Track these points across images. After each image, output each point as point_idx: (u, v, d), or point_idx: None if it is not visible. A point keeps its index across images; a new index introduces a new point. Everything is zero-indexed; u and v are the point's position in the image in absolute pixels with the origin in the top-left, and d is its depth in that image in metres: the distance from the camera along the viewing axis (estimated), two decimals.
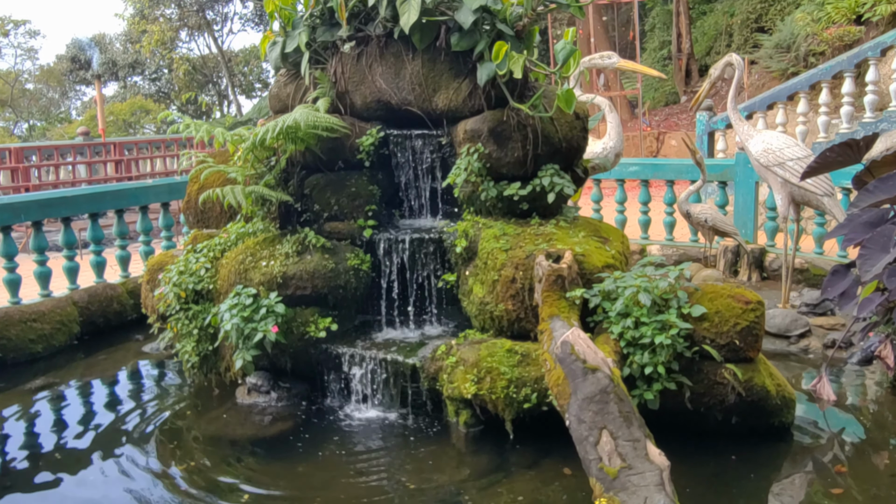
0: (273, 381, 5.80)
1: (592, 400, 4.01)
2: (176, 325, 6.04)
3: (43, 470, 4.90)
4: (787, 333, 6.85)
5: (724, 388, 4.77)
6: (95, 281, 8.11)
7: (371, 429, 5.36)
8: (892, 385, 5.78)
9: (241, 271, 5.78)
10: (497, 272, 5.25)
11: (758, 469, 4.61)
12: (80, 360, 7.14)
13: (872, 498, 4.29)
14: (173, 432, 5.41)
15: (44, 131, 41.69)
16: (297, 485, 4.62)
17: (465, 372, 4.98)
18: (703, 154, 12.64)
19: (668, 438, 4.11)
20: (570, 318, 4.73)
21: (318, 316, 5.66)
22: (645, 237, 9.71)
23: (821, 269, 8.20)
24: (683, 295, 4.89)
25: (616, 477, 3.74)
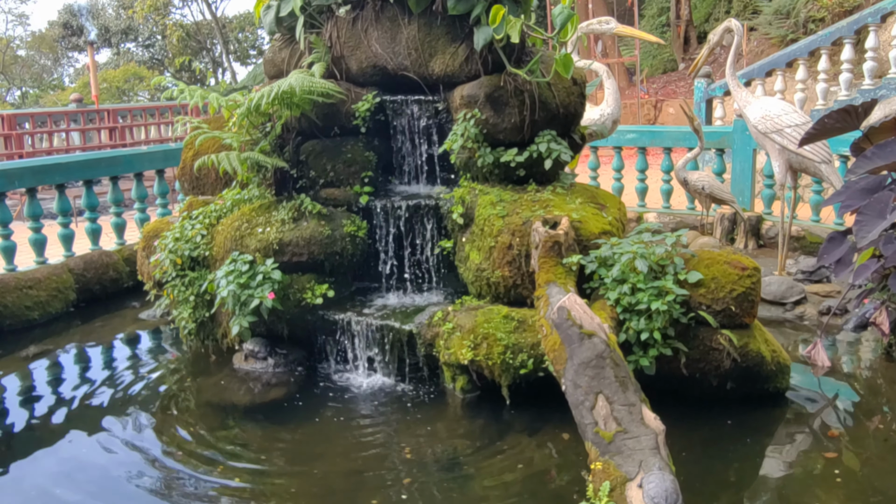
0: (270, 347, 5.81)
1: (588, 365, 4.03)
2: (172, 291, 6.03)
3: (40, 437, 4.93)
4: (783, 300, 6.86)
5: (719, 354, 4.79)
6: (91, 248, 8.09)
7: (368, 395, 5.38)
8: (886, 351, 5.81)
9: (237, 238, 5.76)
10: (494, 238, 5.24)
11: (752, 434, 4.65)
12: (76, 327, 7.14)
13: (865, 462, 4.33)
14: (170, 398, 5.43)
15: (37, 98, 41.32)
16: (295, 449, 4.65)
17: (462, 338, 4.99)
18: (701, 121, 12.58)
19: (664, 404, 4.13)
20: (567, 285, 4.73)
21: (314, 283, 5.66)
22: (642, 205, 9.70)
23: (817, 237, 8.20)
24: (680, 261, 4.89)
25: (611, 441, 3.77)
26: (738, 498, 4.02)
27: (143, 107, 21.93)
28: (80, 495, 4.14)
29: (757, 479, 4.21)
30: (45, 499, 4.13)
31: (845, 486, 4.06)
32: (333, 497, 4.08)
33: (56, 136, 18.10)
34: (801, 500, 3.93)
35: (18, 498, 4.16)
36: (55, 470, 4.46)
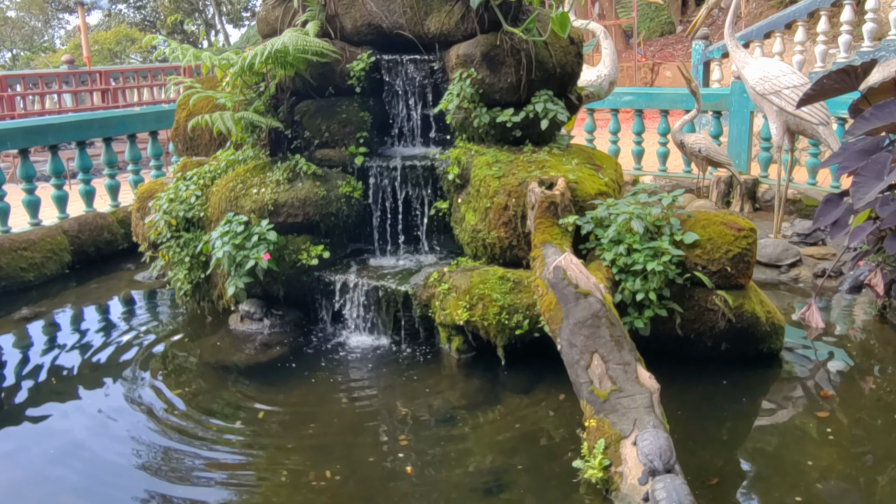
0: (266, 308, 5.81)
1: (584, 324, 4.03)
2: (167, 253, 6.01)
3: (37, 398, 4.94)
4: (778, 263, 6.88)
5: (714, 315, 4.81)
6: (85, 210, 8.05)
7: (364, 355, 5.40)
8: (880, 313, 5.83)
9: (231, 199, 5.73)
10: (489, 199, 5.22)
11: (746, 393, 4.68)
12: (72, 289, 7.13)
13: (857, 421, 4.37)
14: (167, 359, 5.44)
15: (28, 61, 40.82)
16: (291, 409, 4.67)
17: (458, 299, 5.00)
18: (699, 83, 12.49)
19: (659, 364, 4.15)
20: (563, 245, 4.73)
21: (310, 244, 5.64)
22: (638, 168, 9.67)
23: (813, 200, 8.20)
24: (676, 222, 4.88)
25: (606, 399, 3.79)
26: (732, 456, 4.06)
27: (136, 69, 21.71)
28: (77, 456, 4.16)
29: (750, 437, 4.25)
30: (43, 459, 4.15)
31: (837, 445, 4.10)
32: (329, 454, 4.11)
33: (48, 98, 17.93)
34: (794, 459, 3.97)
35: (16, 459, 4.19)
36: (53, 429, 4.49)
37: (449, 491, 3.77)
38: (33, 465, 4.07)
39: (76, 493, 3.81)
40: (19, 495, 3.82)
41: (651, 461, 3.45)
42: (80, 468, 4.03)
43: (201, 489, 3.82)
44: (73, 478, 3.93)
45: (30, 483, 3.91)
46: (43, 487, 3.87)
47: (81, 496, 3.80)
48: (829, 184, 8.48)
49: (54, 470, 4.02)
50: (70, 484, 3.88)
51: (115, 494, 3.80)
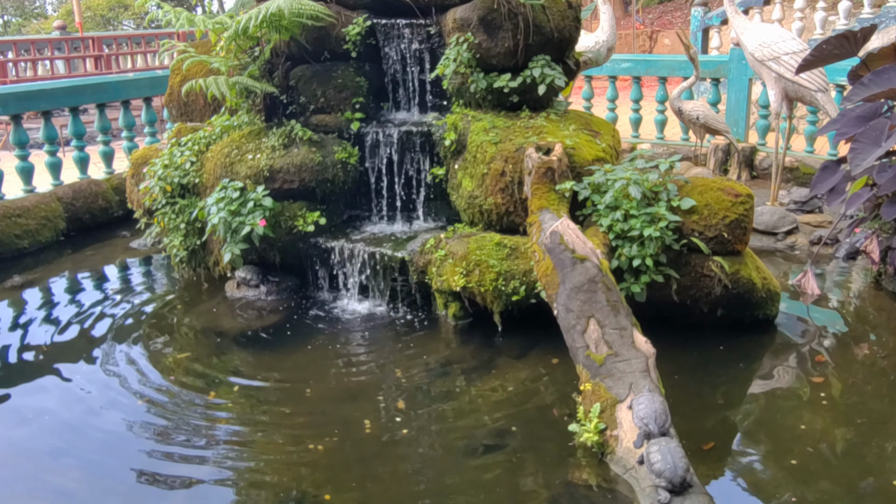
0: (262, 275, 5.80)
1: (580, 289, 4.04)
2: (163, 219, 5.99)
3: (34, 363, 4.94)
4: (775, 230, 6.87)
5: (710, 281, 4.81)
6: (79, 177, 8.00)
7: (360, 322, 5.40)
8: (875, 280, 5.85)
9: (226, 165, 5.70)
10: (486, 165, 5.20)
11: (741, 359, 4.70)
12: (67, 256, 7.11)
13: (850, 386, 4.40)
14: (163, 325, 5.44)
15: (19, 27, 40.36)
16: (288, 375, 4.68)
17: (454, 265, 4.99)
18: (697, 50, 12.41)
19: (655, 331, 4.15)
20: (560, 211, 4.72)
21: (306, 210, 5.62)
22: (636, 136, 9.62)
23: (810, 168, 8.18)
24: (673, 187, 4.86)
25: (602, 364, 3.80)
26: (726, 420, 4.08)
27: (129, 35, 21.47)
28: (71, 423, 4.17)
29: (744, 402, 4.28)
30: (41, 423, 4.16)
31: (831, 409, 4.13)
32: (326, 419, 4.13)
33: (40, 65, 17.74)
34: (788, 423, 4.00)
35: (15, 424, 4.20)
36: (48, 396, 4.49)
37: (445, 455, 3.79)
38: (28, 432, 4.07)
39: (71, 461, 3.81)
40: (10, 463, 3.84)
41: (646, 424, 3.47)
42: (74, 435, 4.04)
43: (199, 452, 3.84)
44: (66, 445, 3.94)
45: (22, 451, 3.92)
46: (37, 454, 3.88)
47: (76, 463, 3.81)
48: (826, 152, 8.46)
49: (49, 437, 4.03)
50: (64, 451, 3.89)
51: (111, 462, 3.81)
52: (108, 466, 3.75)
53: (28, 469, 3.76)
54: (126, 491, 3.55)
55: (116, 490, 3.57)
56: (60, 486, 3.61)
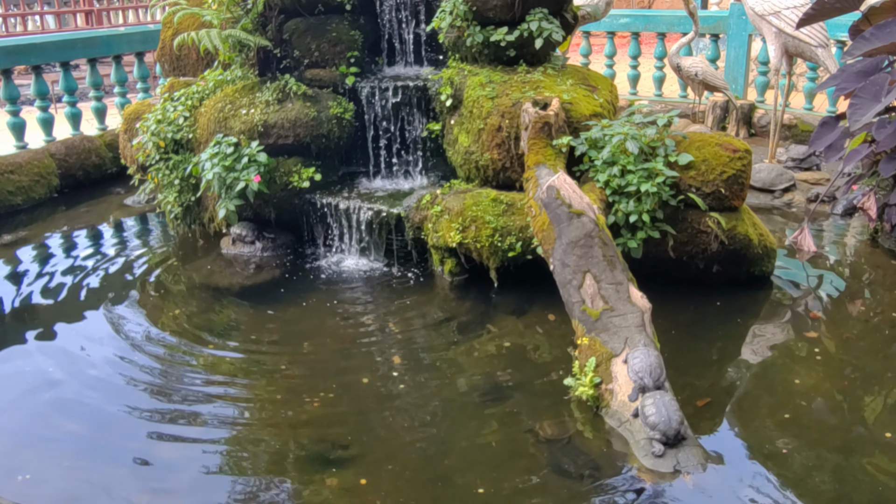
0: (257, 231, 5.77)
1: (577, 244, 4.02)
2: (156, 175, 5.94)
3: (28, 321, 4.94)
4: (772, 188, 6.85)
5: (707, 237, 4.80)
6: (72, 133, 7.92)
7: (356, 278, 5.39)
8: (871, 237, 5.84)
9: (220, 120, 5.64)
10: (483, 121, 5.15)
11: (737, 315, 4.71)
12: (61, 213, 7.07)
13: (844, 341, 4.42)
14: (159, 282, 5.43)
15: None
16: (285, 331, 4.68)
17: (450, 221, 4.97)
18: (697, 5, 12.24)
19: (651, 287, 4.15)
20: (557, 166, 4.68)
21: (301, 166, 5.57)
22: (633, 93, 9.53)
23: (809, 125, 8.13)
24: (671, 143, 4.83)
25: (598, 318, 3.80)
26: (721, 374, 4.10)
27: None
28: (68, 380, 4.17)
29: (739, 357, 4.29)
30: (35, 382, 4.16)
31: (825, 364, 4.15)
32: (323, 374, 4.14)
33: (30, 20, 17.46)
34: (782, 378, 4.02)
35: (15, 380, 4.20)
36: (45, 353, 4.49)
37: (442, 409, 3.81)
38: (24, 390, 4.07)
39: (68, 417, 3.82)
40: (8, 419, 3.85)
41: (641, 378, 3.49)
42: (71, 392, 4.04)
43: (195, 407, 3.85)
44: (64, 402, 3.94)
45: (20, 407, 3.92)
46: (35, 411, 3.89)
47: (74, 419, 3.81)
48: (825, 109, 8.39)
49: (46, 394, 4.03)
50: (62, 407, 3.89)
51: (108, 420, 3.81)
52: (105, 424, 3.75)
53: (27, 425, 3.77)
54: (125, 446, 3.57)
55: (115, 445, 3.59)
56: (60, 440, 3.62)
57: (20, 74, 12.39)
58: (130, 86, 8.75)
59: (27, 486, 3.26)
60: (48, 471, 3.38)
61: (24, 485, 3.27)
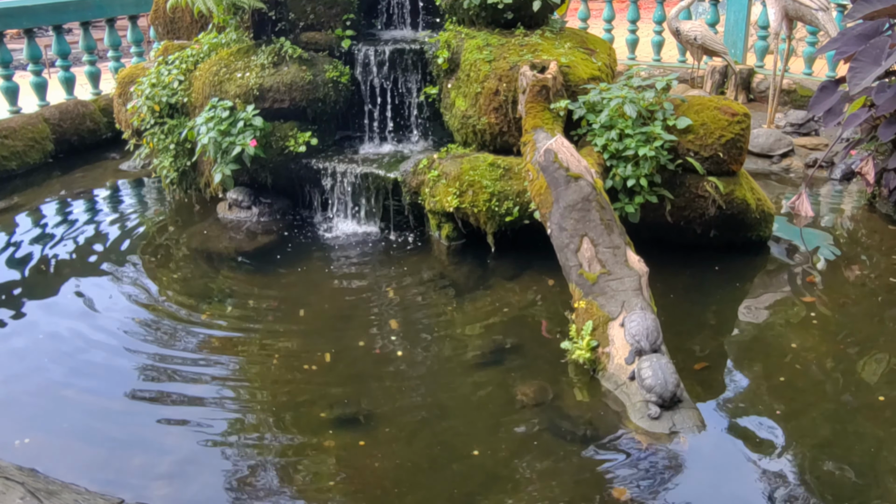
0: (254, 196, 5.75)
1: (574, 208, 4.01)
2: (151, 140, 5.90)
3: (26, 286, 4.93)
4: (770, 153, 6.82)
5: (704, 202, 4.79)
6: (66, 98, 7.84)
7: (353, 243, 5.39)
8: (869, 202, 5.83)
9: (215, 83, 5.58)
10: (480, 84, 5.10)
11: (733, 279, 4.72)
12: (56, 178, 7.03)
13: (840, 306, 4.43)
14: (156, 247, 5.42)
15: None
16: (282, 295, 4.68)
17: (448, 185, 4.95)
18: None
19: (648, 252, 4.14)
20: (554, 130, 4.65)
21: (297, 130, 5.53)
22: (632, 58, 9.44)
23: (808, 91, 8.07)
24: (669, 106, 4.79)
25: (595, 282, 3.81)
26: (717, 338, 4.12)
27: None
28: (70, 341, 4.18)
29: (736, 321, 4.31)
30: (34, 347, 4.17)
31: (820, 328, 4.16)
32: (320, 338, 4.14)
33: None
34: (778, 342, 4.04)
35: (11, 346, 4.21)
36: (42, 318, 4.49)
37: (439, 372, 3.83)
38: (21, 356, 4.08)
39: (66, 381, 3.82)
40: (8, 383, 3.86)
41: (638, 341, 3.50)
42: (69, 357, 4.05)
43: (193, 371, 3.86)
44: (62, 366, 3.95)
45: (17, 372, 3.94)
46: (32, 375, 3.89)
47: (72, 383, 3.81)
48: (825, 74, 8.32)
49: (43, 359, 4.04)
50: (60, 371, 3.90)
51: (105, 384, 3.83)
52: (102, 389, 3.77)
53: (24, 389, 3.78)
54: (123, 410, 3.58)
55: (114, 409, 3.60)
56: (59, 403, 3.64)
57: (12, 38, 12.24)
58: (124, 50, 8.63)
59: (26, 450, 3.27)
60: (47, 434, 3.40)
61: (23, 448, 3.29)
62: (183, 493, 3.03)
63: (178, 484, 3.08)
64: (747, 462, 3.11)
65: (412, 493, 3.00)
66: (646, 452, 3.16)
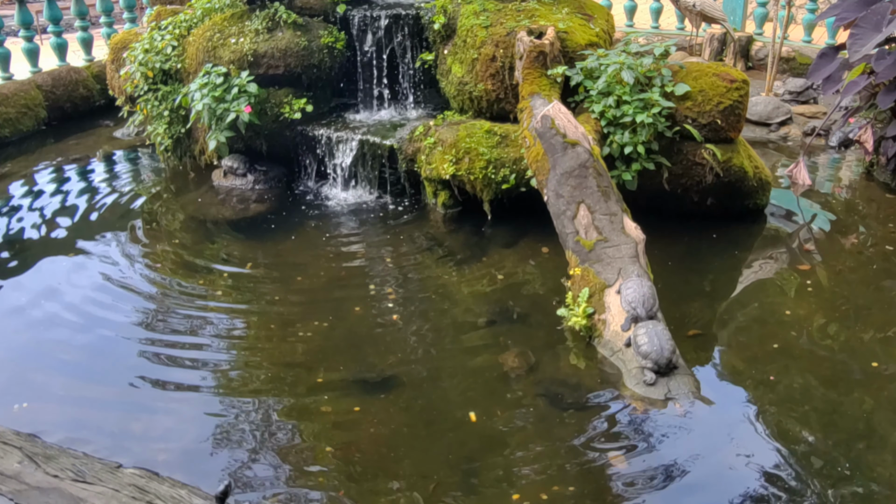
0: (249, 164, 5.72)
1: (571, 174, 3.99)
2: (145, 106, 5.84)
3: (21, 253, 4.91)
4: (768, 121, 6.79)
5: (702, 169, 4.77)
6: (58, 64, 7.76)
7: (349, 211, 5.37)
8: (867, 170, 5.82)
9: (209, 49, 5.52)
10: (476, 50, 5.05)
11: (730, 247, 4.71)
12: (50, 146, 6.98)
13: (836, 273, 4.43)
14: (151, 214, 5.39)
15: None
16: (277, 263, 4.67)
17: (444, 153, 4.92)
18: None
19: (645, 219, 4.13)
20: (551, 96, 4.62)
21: (292, 97, 5.48)
22: (630, 25, 9.37)
23: (807, 58, 8.01)
24: (667, 73, 4.76)
25: (592, 249, 3.80)
26: (713, 305, 4.12)
27: None
28: (66, 309, 4.17)
29: (732, 288, 4.31)
30: (33, 313, 4.16)
31: (816, 295, 4.17)
32: (317, 306, 4.14)
33: None
34: (774, 309, 4.04)
35: (7, 312, 4.20)
36: (38, 286, 4.47)
37: (435, 338, 3.83)
38: (17, 322, 4.07)
39: (64, 347, 3.82)
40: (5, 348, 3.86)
41: (634, 308, 3.50)
42: (66, 323, 4.04)
43: (190, 336, 3.86)
44: (59, 333, 3.94)
45: (13, 339, 3.93)
46: (28, 342, 3.89)
47: (70, 349, 3.82)
48: (824, 41, 8.26)
49: (39, 326, 4.03)
50: (57, 338, 3.89)
51: (103, 349, 3.83)
52: (100, 353, 3.77)
53: (21, 355, 3.78)
54: (121, 375, 3.58)
55: (111, 374, 3.61)
56: (56, 369, 3.64)
57: (3, 5, 12.11)
58: (116, 16, 8.54)
59: (24, 415, 3.28)
60: (45, 399, 3.40)
61: (21, 413, 3.29)
62: (181, 458, 3.04)
63: (175, 448, 3.09)
64: (742, 428, 3.13)
65: (409, 458, 3.01)
66: (641, 418, 3.17)
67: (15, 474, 2.63)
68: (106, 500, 2.51)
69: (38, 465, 2.67)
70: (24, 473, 2.63)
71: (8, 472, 2.64)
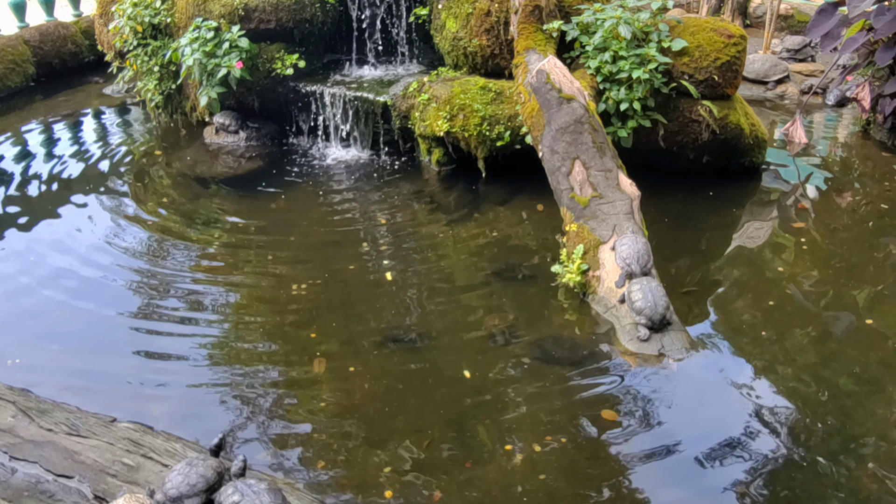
0: (241, 120, 5.65)
1: (566, 130, 3.95)
2: (135, 62, 5.76)
3: (13, 211, 4.87)
4: (765, 79, 6.73)
5: (698, 126, 4.73)
6: (46, 19, 7.62)
7: (342, 168, 5.32)
8: (863, 129, 5.79)
9: (199, 2, 5.42)
10: (471, 5, 4.97)
11: (725, 205, 4.70)
12: (39, 102, 6.89)
13: (831, 231, 4.43)
14: (143, 171, 5.35)
15: None
16: (271, 221, 4.64)
17: (438, 109, 4.87)
18: None
19: (641, 177, 4.10)
20: (547, 52, 4.56)
21: (284, 52, 5.40)
22: None
23: (805, 16, 7.92)
24: (665, 28, 4.69)
25: (587, 206, 3.78)
26: (708, 263, 4.12)
27: None
28: (59, 266, 4.15)
29: (727, 246, 4.30)
30: (25, 270, 4.14)
31: (810, 253, 4.17)
32: (310, 263, 4.12)
33: None
34: (768, 267, 4.04)
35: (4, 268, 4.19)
36: (31, 244, 4.44)
37: (429, 296, 3.82)
38: (13, 276, 4.06)
39: (56, 305, 3.81)
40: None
41: (629, 265, 3.49)
42: (59, 280, 4.03)
43: (184, 294, 3.85)
44: (52, 289, 3.93)
45: (10, 295, 3.92)
46: (20, 299, 3.87)
47: (62, 307, 3.80)
48: None
49: (32, 281, 4.02)
50: (50, 294, 3.88)
51: (96, 308, 3.82)
52: (93, 312, 3.76)
53: (12, 312, 3.77)
54: (115, 330, 3.58)
55: (105, 331, 3.60)
56: (48, 326, 3.63)
57: None
58: None
59: (17, 370, 3.27)
60: (37, 356, 3.40)
61: (15, 368, 3.29)
62: (175, 412, 3.04)
63: (169, 403, 3.10)
64: (734, 383, 3.15)
65: (402, 414, 3.02)
66: (634, 373, 3.19)
67: (9, 428, 2.64)
68: (100, 452, 2.52)
69: (31, 419, 2.67)
70: (18, 427, 2.64)
71: (2, 426, 2.65)
